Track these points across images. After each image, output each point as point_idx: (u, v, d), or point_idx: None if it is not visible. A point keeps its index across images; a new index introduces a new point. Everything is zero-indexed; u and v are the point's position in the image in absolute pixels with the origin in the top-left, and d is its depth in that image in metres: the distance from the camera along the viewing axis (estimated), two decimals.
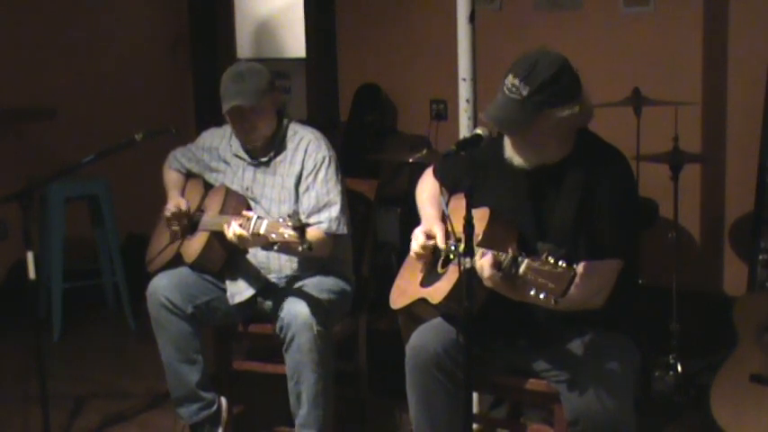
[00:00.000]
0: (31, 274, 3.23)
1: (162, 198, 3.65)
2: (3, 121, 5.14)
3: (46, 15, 5.43)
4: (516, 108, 2.60)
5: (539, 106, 2.59)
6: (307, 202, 3.39)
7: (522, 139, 2.69)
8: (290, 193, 3.43)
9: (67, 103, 5.40)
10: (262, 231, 3.07)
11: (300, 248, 2.99)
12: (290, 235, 2.97)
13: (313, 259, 3.41)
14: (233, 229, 3.17)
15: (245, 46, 6.53)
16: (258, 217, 3.13)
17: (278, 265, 3.45)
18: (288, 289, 3.39)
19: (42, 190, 4.82)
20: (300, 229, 2.95)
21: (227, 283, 3.48)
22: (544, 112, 2.60)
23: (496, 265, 2.52)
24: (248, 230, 3.12)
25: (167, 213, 3.53)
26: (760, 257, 3.54)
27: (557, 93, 2.60)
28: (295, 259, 3.43)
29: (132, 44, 5.94)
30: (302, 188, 3.41)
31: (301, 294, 3.31)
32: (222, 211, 3.41)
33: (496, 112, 2.63)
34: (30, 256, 3.21)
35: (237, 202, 3.44)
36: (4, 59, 5.22)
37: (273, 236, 3.03)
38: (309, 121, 4.97)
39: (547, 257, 2.38)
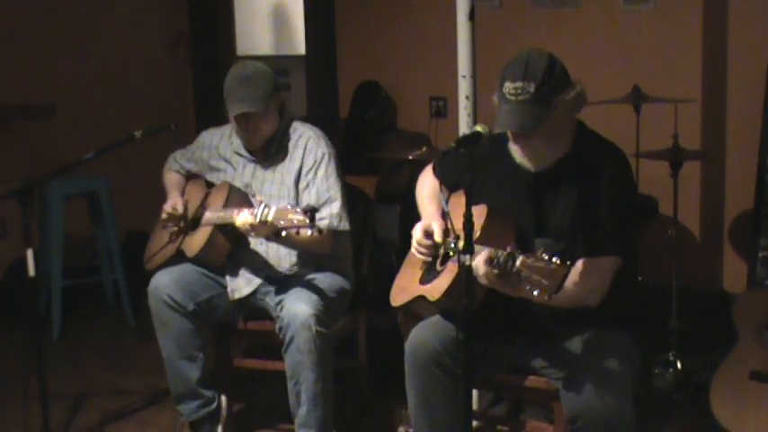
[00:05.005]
0: (31, 271, 3.23)
1: (162, 195, 3.65)
2: (2, 119, 5.14)
3: (46, 12, 5.43)
4: (530, 107, 2.60)
5: (549, 96, 2.60)
6: (307, 198, 3.39)
7: (538, 138, 2.66)
8: (290, 189, 3.42)
9: (67, 100, 5.38)
10: (270, 218, 3.06)
11: (310, 232, 2.98)
12: (299, 220, 2.96)
13: (312, 256, 3.41)
14: (243, 218, 3.15)
15: (244, 43, 6.52)
16: (265, 205, 3.11)
17: (277, 261, 3.45)
18: (287, 287, 3.38)
19: (42, 187, 4.81)
20: (310, 212, 2.95)
21: (228, 278, 3.48)
22: (554, 101, 2.62)
23: (490, 261, 2.52)
24: (256, 218, 3.11)
25: (164, 215, 3.52)
26: (759, 255, 3.54)
27: (557, 79, 2.63)
28: (294, 254, 3.43)
29: (132, 41, 5.93)
30: (302, 185, 3.41)
31: (301, 294, 3.30)
32: (225, 207, 3.40)
33: (512, 119, 2.62)
34: (29, 253, 3.21)
35: (240, 199, 3.44)
36: (3, 56, 5.22)
37: (282, 222, 3.02)
38: (309, 119, 4.97)
39: (541, 254, 2.38)
